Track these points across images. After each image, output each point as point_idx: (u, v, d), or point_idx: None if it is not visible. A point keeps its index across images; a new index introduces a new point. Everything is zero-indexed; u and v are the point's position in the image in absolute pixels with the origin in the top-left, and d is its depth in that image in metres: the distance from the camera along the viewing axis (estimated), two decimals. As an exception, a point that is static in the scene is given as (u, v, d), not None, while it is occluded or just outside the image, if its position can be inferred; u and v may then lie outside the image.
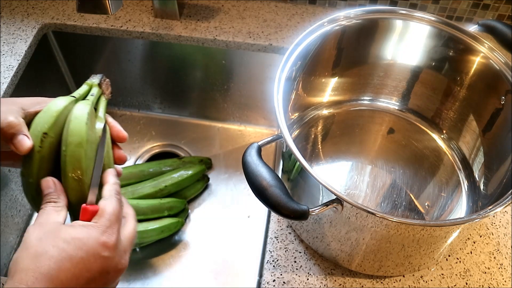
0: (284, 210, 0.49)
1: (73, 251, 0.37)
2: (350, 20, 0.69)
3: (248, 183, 0.51)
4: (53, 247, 0.37)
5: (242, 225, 0.85)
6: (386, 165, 0.75)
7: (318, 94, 0.79)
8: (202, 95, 0.96)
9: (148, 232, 0.77)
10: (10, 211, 0.80)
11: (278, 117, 0.57)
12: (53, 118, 0.43)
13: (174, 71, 0.94)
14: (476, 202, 0.70)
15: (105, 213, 0.41)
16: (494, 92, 0.68)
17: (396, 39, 0.74)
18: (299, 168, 0.57)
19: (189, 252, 0.82)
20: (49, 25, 0.87)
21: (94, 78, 0.49)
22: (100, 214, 0.41)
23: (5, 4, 0.89)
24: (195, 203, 0.88)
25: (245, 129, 1.00)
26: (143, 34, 0.86)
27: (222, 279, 0.79)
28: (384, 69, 0.78)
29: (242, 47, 0.85)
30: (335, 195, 0.51)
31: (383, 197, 0.71)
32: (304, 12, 0.91)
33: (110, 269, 0.40)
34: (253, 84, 0.92)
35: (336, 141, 0.78)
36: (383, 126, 0.80)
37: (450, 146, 0.77)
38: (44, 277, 0.36)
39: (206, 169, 0.90)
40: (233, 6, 0.91)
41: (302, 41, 0.65)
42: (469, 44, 0.68)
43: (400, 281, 0.64)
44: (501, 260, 0.66)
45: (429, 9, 0.88)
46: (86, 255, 0.38)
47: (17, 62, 0.80)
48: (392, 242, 0.56)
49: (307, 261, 0.65)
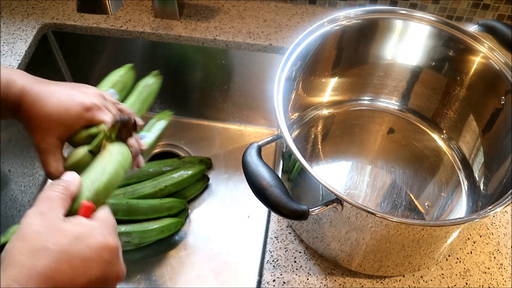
0: (284, 210, 0.49)
1: (74, 251, 0.35)
2: (350, 20, 0.69)
3: (248, 183, 0.51)
4: (52, 244, 0.35)
5: (242, 225, 0.85)
6: (386, 165, 0.75)
7: (318, 94, 0.79)
8: (202, 95, 0.96)
9: (148, 232, 0.77)
10: (10, 211, 0.80)
11: (278, 117, 0.57)
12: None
13: (174, 71, 0.94)
14: (476, 202, 0.70)
15: (106, 212, 0.40)
16: (494, 92, 0.68)
17: (396, 39, 0.74)
18: (299, 168, 0.57)
19: (189, 252, 0.82)
20: (49, 25, 0.87)
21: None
22: (100, 213, 0.40)
23: (5, 4, 0.89)
24: (195, 203, 0.88)
25: (245, 129, 1.00)
26: (143, 34, 0.86)
27: (222, 279, 0.79)
28: (384, 69, 0.78)
29: (242, 47, 0.85)
30: (335, 195, 0.51)
31: (383, 197, 0.71)
32: (304, 12, 0.91)
33: (110, 276, 0.37)
34: (253, 84, 0.92)
35: (336, 141, 0.78)
36: (383, 126, 0.80)
37: (450, 146, 0.77)
38: (39, 276, 0.33)
39: (206, 169, 0.90)
40: (233, 6, 0.91)
41: (302, 41, 0.65)
42: (469, 44, 0.68)
43: (400, 281, 0.64)
44: (501, 260, 0.66)
45: (429, 9, 0.88)
46: (87, 257, 0.36)
47: (17, 62, 0.80)
48: (392, 242, 0.56)
49: (307, 261, 0.65)
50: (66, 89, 0.49)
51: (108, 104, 0.52)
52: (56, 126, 0.47)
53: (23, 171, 0.84)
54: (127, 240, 0.76)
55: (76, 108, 0.48)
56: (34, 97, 0.47)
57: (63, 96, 0.48)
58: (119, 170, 0.45)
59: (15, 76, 0.47)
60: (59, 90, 0.48)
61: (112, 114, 0.50)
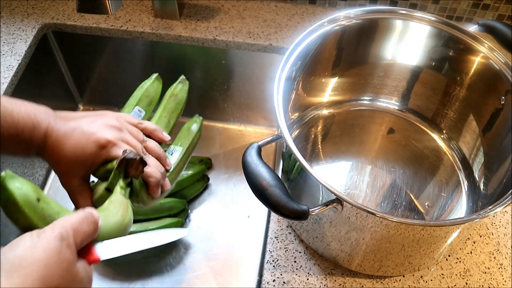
0: (284, 210, 0.49)
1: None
2: (350, 20, 0.69)
3: (248, 183, 0.51)
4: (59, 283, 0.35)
5: (242, 225, 0.85)
6: (386, 165, 0.75)
7: (318, 94, 0.79)
8: (202, 95, 0.96)
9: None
10: (10, 211, 0.80)
11: (278, 117, 0.57)
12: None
13: (174, 71, 0.94)
14: (476, 202, 0.70)
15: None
16: (494, 92, 0.68)
17: (396, 39, 0.74)
18: (299, 168, 0.57)
19: (189, 252, 0.82)
20: (49, 25, 0.87)
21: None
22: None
23: (5, 4, 0.89)
24: (195, 203, 0.88)
25: (245, 129, 1.00)
26: (143, 34, 0.86)
27: (222, 279, 0.79)
28: (384, 69, 0.78)
29: (242, 47, 0.85)
30: (335, 195, 0.51)
31: (383, 197, 0.71)
32: (304, 12, 0.91)
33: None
34: (253, 84, 0.92)
35: (336, 141, 0.78)
36: (383, 126, 0.80)
37: (450, 146, 0.77)
38: None
39: (206, 169, 0.90)
40: (233, 6, 0.91)
41: (302, 41, 0.65)
42: (469, 44, 0.68)
43: (400, 281, 0.64)
44: (501, 260, 0.66)
45: (429, 9, 0.88)
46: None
47: (17, 62, 0.80)
48: (392, 242, 0.56)
49: (307, 261, 0.65)
50: (84, 125, 0.49)
51: (124, 135, 0.51)
52: (76, 168, 0.48)
53: (23, 171, 0.84)
54: (127, 240, 0.76)
55: (92, 148, 0.48)
56: (54, 140, 0.47)
57: (79, 136, 0.48)
58: (118, 226, 0.44)
59: (40, 117, 0.47)
60: (77, 129, 0.48)
61: (123, 149, 0.49)
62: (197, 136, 0.64)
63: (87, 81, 0.98)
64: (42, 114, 0.48)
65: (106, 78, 0.97)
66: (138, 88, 0.63)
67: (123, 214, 0.45)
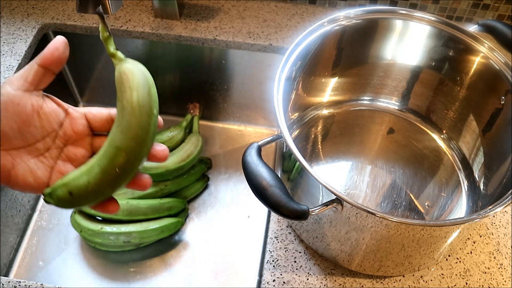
0: (284, 210, 0.49)
1: None
2: (350, 20, 0.69)
3: (248, 183, 0.51)
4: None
5: (242, 225, 0.85)
6: (386, 165, 0.75)
7: (318, 94, 0.79)
8: (202, 95, 0.96)
9: (148, 232, 0.77)
10: (10, 211, 0.80)
11: (278, 117, 0.57)
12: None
13: (174, 71, 0.94)
14: (476, 202, 0.70)
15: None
16: (494, 92, 0.68)
17: (396, 39, 0.74)
18: (299, 168, 0.57)
19: (189, 252, 0.82)
20: (49, 25, 0.87)
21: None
22: None
23: (5, 4, 0.89)
24: (195, 203, 0.88)
25: (245, 129, 1.00)
26: (143, 34, 0.86)
27: (222, 279, 0.79)
28: (384, 69, 0.78)
29: (242, 47, 0.85)
30: (335, 195, 0.51)
31: (383, 197, 0.71)
32: (304, 12, 0.91)
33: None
34: (253, 84, 0.92)
35: (336, 141, 0.78)
36: (383, 126, 0.80)
37: (450, 146, 0.77)
38: None
39: (206, 169, 0.90)
40: (233, 6, 0.91)
41: (302, 41, 0.65)
42: (469, 44, 0.68)
43: (400, 281, 0.64)
44: (501, 260, 0.66)
45: (429, 9, 0.88)
46: None
47: (17, 62, 0.80)
48: (392, 242, 0.56)
49: (307, 261, 0.65)
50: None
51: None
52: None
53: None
54: (127, 240, 0.76)
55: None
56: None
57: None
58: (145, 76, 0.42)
59: None
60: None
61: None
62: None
63: (87, 81, 0.98)
64: None
65: (106, 78, 0.97)
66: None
67: (141, 68, 0.44)
